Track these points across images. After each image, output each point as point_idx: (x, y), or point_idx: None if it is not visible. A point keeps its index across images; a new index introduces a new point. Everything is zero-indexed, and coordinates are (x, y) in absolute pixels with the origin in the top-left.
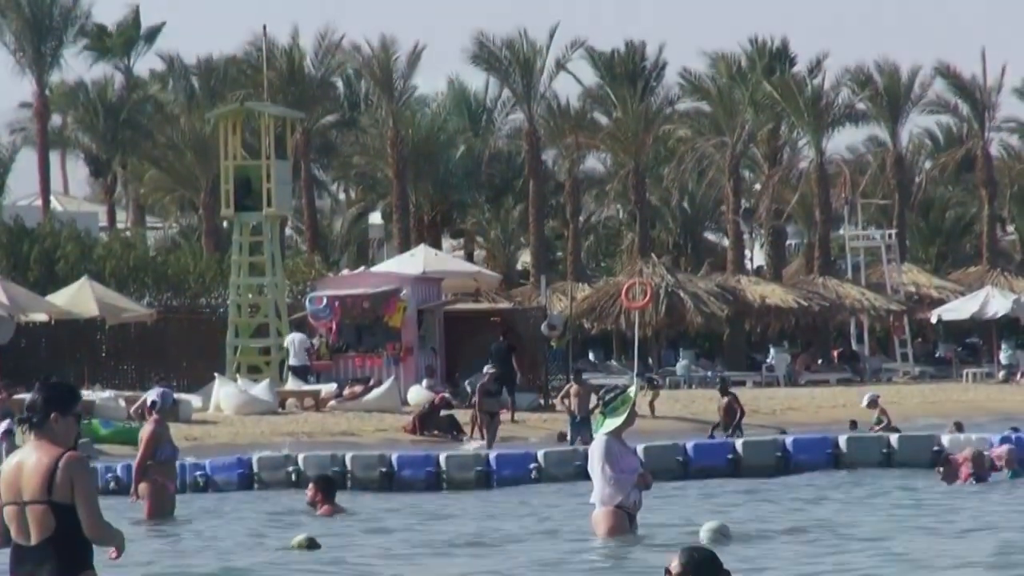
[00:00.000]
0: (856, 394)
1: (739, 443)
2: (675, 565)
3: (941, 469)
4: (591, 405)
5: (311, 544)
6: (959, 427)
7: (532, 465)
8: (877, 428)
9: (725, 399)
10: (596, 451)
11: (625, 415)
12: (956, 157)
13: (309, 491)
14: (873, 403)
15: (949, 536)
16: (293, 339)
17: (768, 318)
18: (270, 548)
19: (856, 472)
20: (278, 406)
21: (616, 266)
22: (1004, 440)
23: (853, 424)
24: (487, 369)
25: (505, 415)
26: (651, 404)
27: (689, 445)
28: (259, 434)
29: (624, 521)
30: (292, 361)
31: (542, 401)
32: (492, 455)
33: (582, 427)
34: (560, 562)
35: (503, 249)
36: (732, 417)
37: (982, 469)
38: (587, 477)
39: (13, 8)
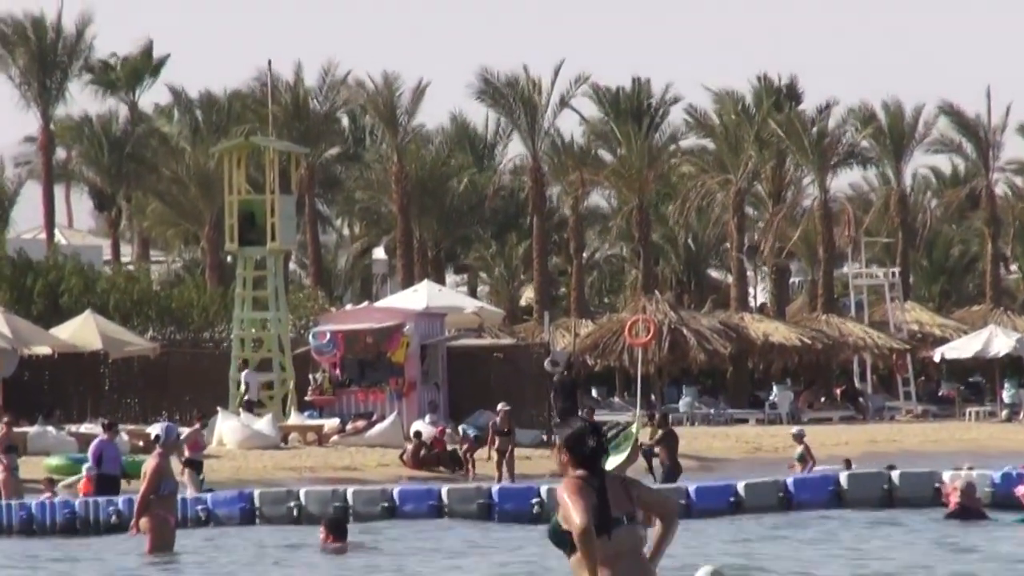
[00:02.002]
0: (859, 432)
1: (741, 485)
2: None
3: None
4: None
5: None
6: (971, 467)
7: (535, 500)
8: (798, 464)
9: (659, 431)
10: None
11: (627, 452)
12: (960, 196)
13: (321, 534)
14: (799, 438)
15: None
16: (250, 376)
17: (771, 355)
18: None
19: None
20: (281, 440)
21: (619, 303)
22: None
23: (848, 463)
24: (501, 407)
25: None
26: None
27: (692, 488)
28: (262, 468)
29: None
30: (251, 396)
31: (545, 437)
32: (495, 488)
33: None
34: None
35: (506, 285)
36: (671, 452)
37: (972, 501)
38: None
39: (19, 42)
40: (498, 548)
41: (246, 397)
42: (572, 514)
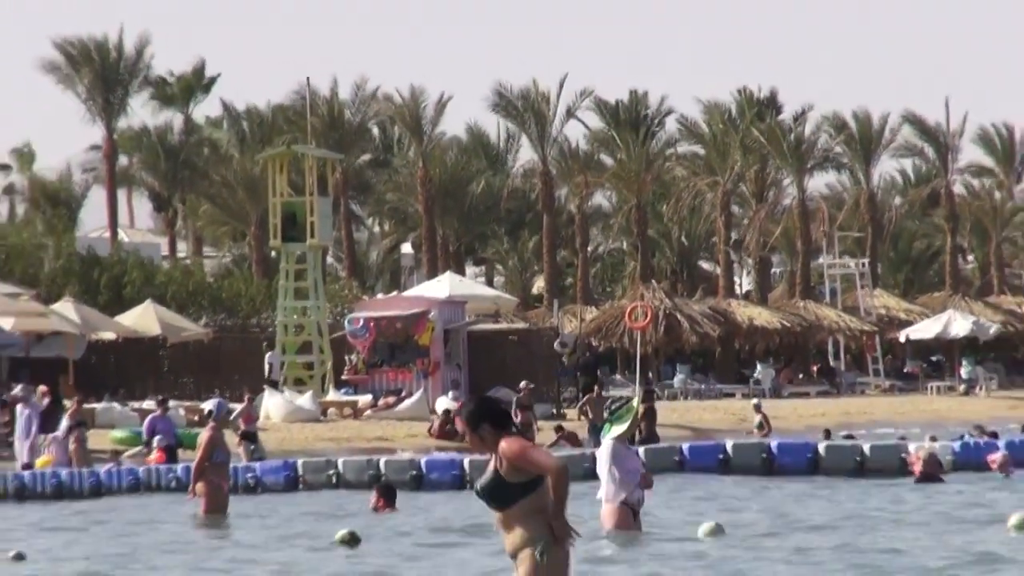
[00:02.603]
0: (834, 404)
1: (729, 444)
2: None
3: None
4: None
5: (353, 539)
6: (933, 438)
7: None
8: (756, 431)
9: (643, 406)
10: (604, 454)
11: (629, 422)
12: (922, 195)
13: (373, 498)
14: (757, 408)
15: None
16: (272, 358)
17: (755, 337)
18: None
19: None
20: (320, 414)
21: (620, 291)
22: (963, 443)
23: (827, 433)
24: (524, 384)
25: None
26: (646, 414)
27: (685, 447)
28: (304, 440)
29: (629, 517)
30: (273, 376)
31: (554, 411)
32: None
33: (595, 433)
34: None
35: (520, 275)
36: (650, 424)
37: (934, 468)
38: (593, 477)
39: (85, 62)
40: None
41: (270, 376)
42: (542, 459)
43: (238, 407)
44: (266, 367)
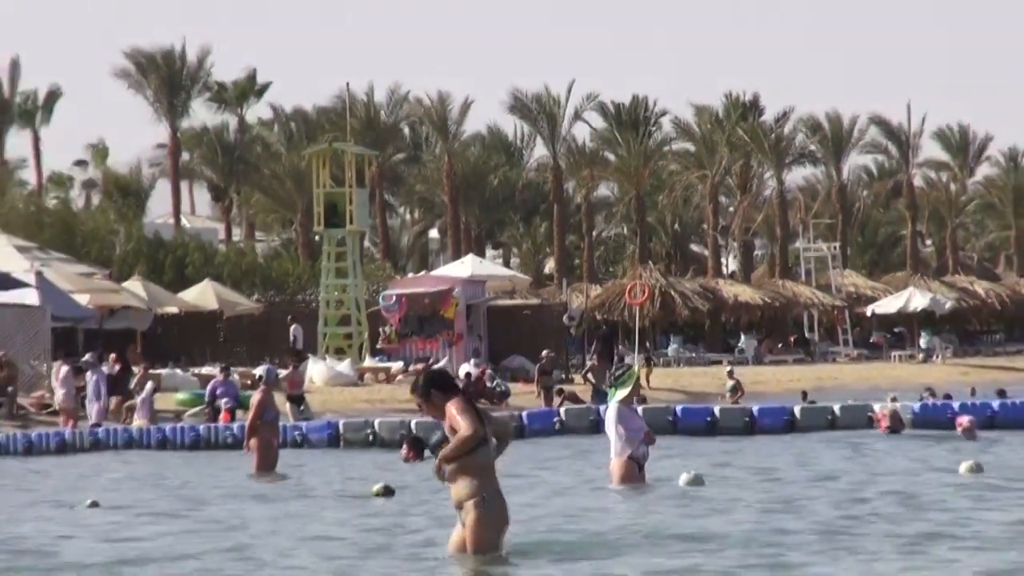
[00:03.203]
0: (809, 371)
1: (717, 407)
2: None
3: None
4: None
5: (387, 491)
6: (894, 399)
7: (555, 419)
8: (729, 395)
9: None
10: (610, 415)
11: (631, 386)
12: (886, 187)
13: (404, 450)
14: (730, 374)
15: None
16: (296, 330)
17: (739, 312)
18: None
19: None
20: (358, 379)
21: (621, 271)
22: (923, 403)
23: (804, 395)
24: (545, 353)
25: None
26: (647, 378)
27: (678, 409)
28: (343, 402)
29: (634, 470)
30: (298, 346)
31: (564, 375)
32: (524, 413)
33: (600, 397)
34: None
35: (533, 257)
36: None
37: (897, 425)
38: (597, 431)
39: (152, 70)
40: (531, 458)
41: (294, 346)
42: (463, 423)
43: (285, 372)
44: (291, 338)
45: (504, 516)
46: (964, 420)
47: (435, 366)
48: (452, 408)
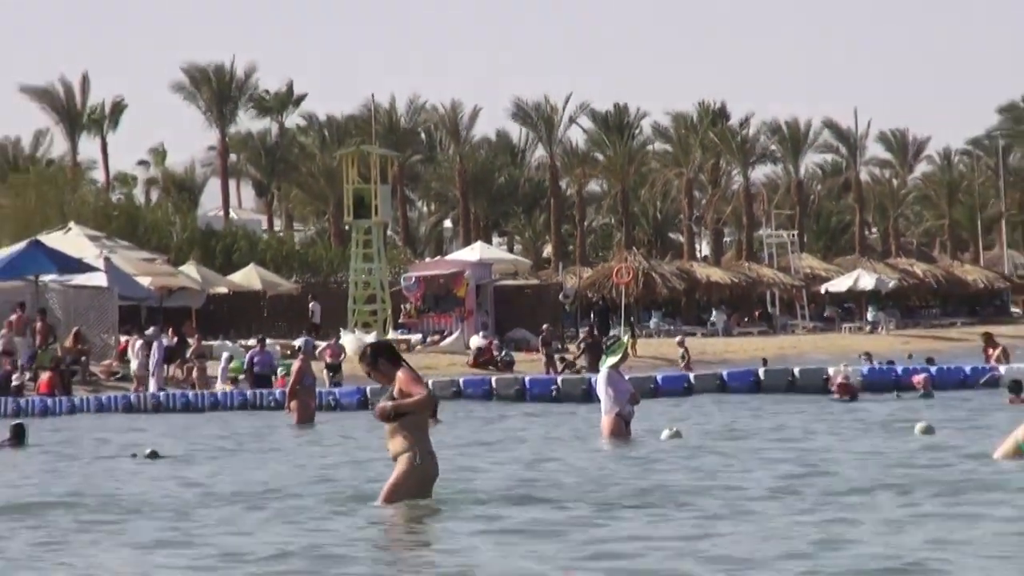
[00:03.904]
0: (771, 341)
1: (692, 375)
2: None
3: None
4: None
5: None
6: (846, 365)
7: (553, 387)
8: (681, 363)
9: (583, 346)
10: (601, 379)
11: (620, 354)
12: (838, 182)
13: None
14: (680, 343)
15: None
16: (315, 306)
17: (711, 290)
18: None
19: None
20: None
21: (609, 255)
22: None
23: (764, 362)
24: (546, 327)
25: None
26: (632, 348)
27: (658, 376)
28: None
29: (622, 426)
30: (315, 320)
31: (560, 346)
32: (527, 379)
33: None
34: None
35: (533, 244)
36: (595, 357)
37: (849, 388)
38: (589, 399)
39: (204, 83)
40: (533, 416)
41: (311, 320)
42: (416, 389)
43: (322, 344)
44: (310, 313)
45: (430, 472)
46: (919, 379)
47: (448, 338)
48: (404, 376)
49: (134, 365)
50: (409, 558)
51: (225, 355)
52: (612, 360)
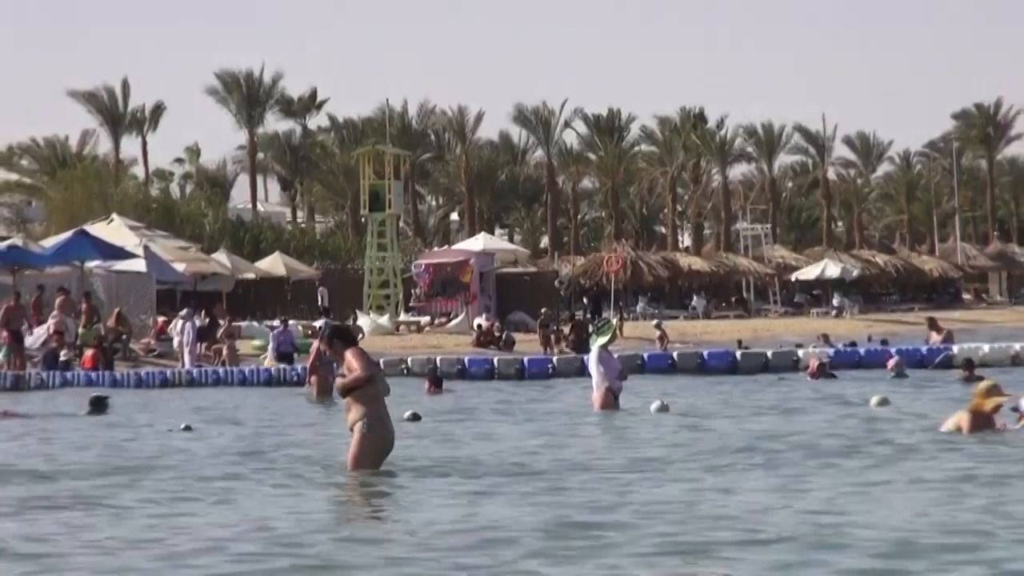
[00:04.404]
0: (746, 324)
1: (675, 354)
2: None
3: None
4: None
5: (415, 417)
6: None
7: (550, 365)
8: (659, 343)
9: (569, 326)
10: (592, 357)
11: (610, 334)
12: (807, 181)
13: (426, 384)
14: (657, 325)
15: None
16: (322, 291)
17: (692, 277)
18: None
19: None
20: (395, 329)
21: (600, 246)
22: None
23: (739, 343)
24: (544, 310)
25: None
26: (620, 330)
27: (645, 355)
28: (384, 346)
29: (611, 399)
30: (324, 303)
31: (555, 327)
32: (526, 358)
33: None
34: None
35: (531, 235)
36: (579, 336)
37: (822, 368)
38: (582, 375)
39: (235, 88)
40: (529, 392)
41: (322, 303)
42: (358, 366)
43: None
44: (319, 298)
45: (383, 440)
46: (891, 361)
47: (454, 320)
48: (350, 355)
49: (176, 343)
50: (366, 519)
51: (272, 334)
52: (602, 340)
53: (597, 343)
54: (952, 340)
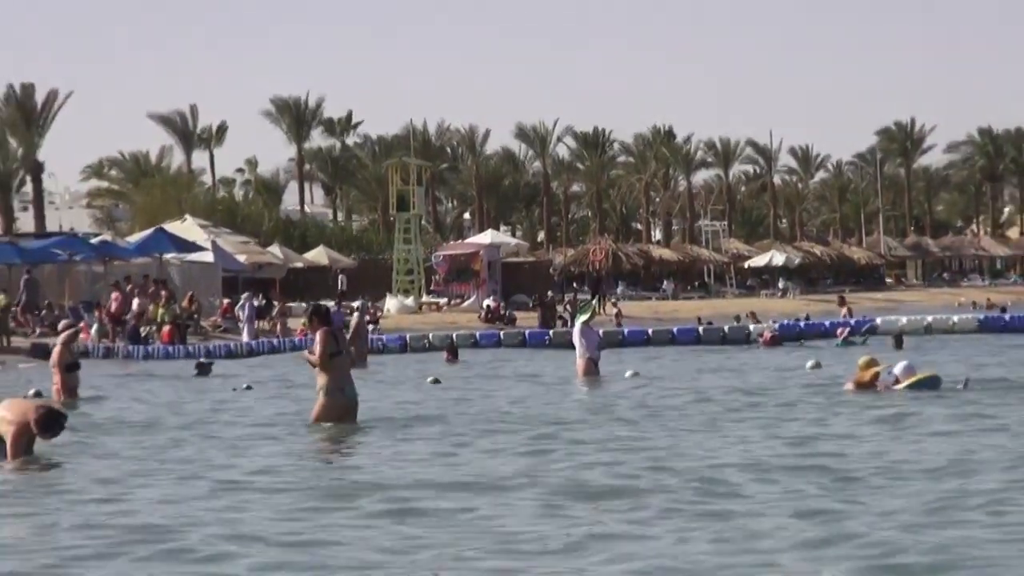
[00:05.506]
0: (707, 304)
1: (650, 329)
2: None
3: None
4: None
5: (436, 381)
6: (774, 320)
7: (546, 337)
8: (615, 319)
9: (540, 303)
10: (576, 331)
11: (589, 313)
12: (757, 185)
13: (446, 354)
14: (614, 304)
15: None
16: (342, 277)
17: (663, 265)
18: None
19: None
20: (418, 309)
21: (587, 239)
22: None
23: (699, 320)
24: (550, 293)
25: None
26: (603, 309)
27: (625, 330)
28: (408, 323)
29: (592, 367)
30: (343, 289)
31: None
32: (527, 331)
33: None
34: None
35: (530, 231)
36: (545, 315)
37: (775, 339)
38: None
39: (286, 110)
40: (530, 359)
41: (340, 288)
42: (320, 348)
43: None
44: (339, 283)
45: (339, 404)
46: (843, 330)
47: (467, 301)
48: (319, 335)
49: (242, 318)
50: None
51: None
52: (583, 317)
53: (579, 319)
54: (852, 314)
